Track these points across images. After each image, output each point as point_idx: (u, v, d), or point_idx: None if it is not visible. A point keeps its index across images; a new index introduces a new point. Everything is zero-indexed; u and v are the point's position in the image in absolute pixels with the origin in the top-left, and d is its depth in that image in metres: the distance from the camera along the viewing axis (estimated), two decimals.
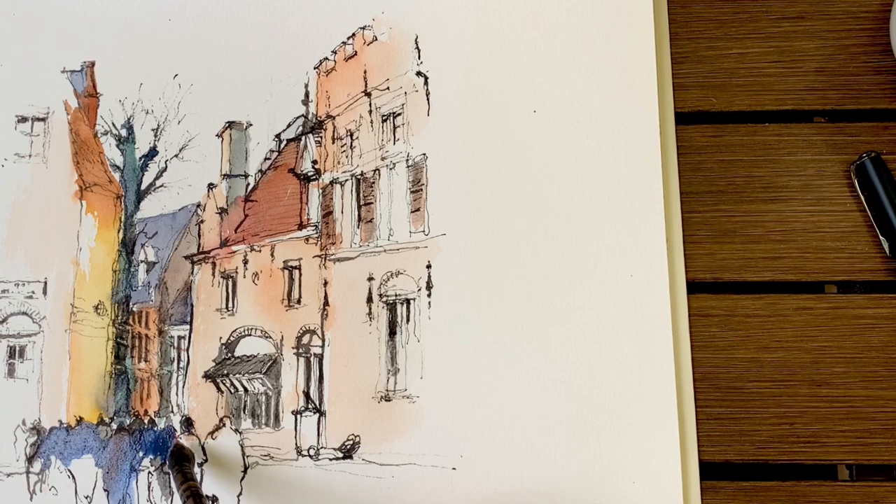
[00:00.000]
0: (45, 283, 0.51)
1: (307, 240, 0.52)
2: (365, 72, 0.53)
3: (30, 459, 0.49)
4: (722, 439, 0.47)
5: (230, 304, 0.51)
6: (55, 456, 0.49)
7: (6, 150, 0.53)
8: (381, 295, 0.50)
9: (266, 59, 0.53)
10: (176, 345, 0.51)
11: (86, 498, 0.48)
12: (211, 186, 0.52)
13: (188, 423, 0.49)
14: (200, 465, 0.49)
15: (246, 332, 0.51)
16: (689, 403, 0.47)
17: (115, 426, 0.50)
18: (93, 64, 0.54)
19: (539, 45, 0.52)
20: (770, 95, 0.51)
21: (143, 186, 0.53)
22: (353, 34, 0.53)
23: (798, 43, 0.52)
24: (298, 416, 0.49)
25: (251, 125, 0.53)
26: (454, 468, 0.47)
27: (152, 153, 0.53)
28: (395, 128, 0.52)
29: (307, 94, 0.53)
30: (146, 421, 0.50)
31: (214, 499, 0.48)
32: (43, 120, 0.54)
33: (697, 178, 0.50)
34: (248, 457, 0.49)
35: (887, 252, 0.48)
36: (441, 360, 0.48)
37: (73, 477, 0.49)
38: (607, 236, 0.49)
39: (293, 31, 0.54)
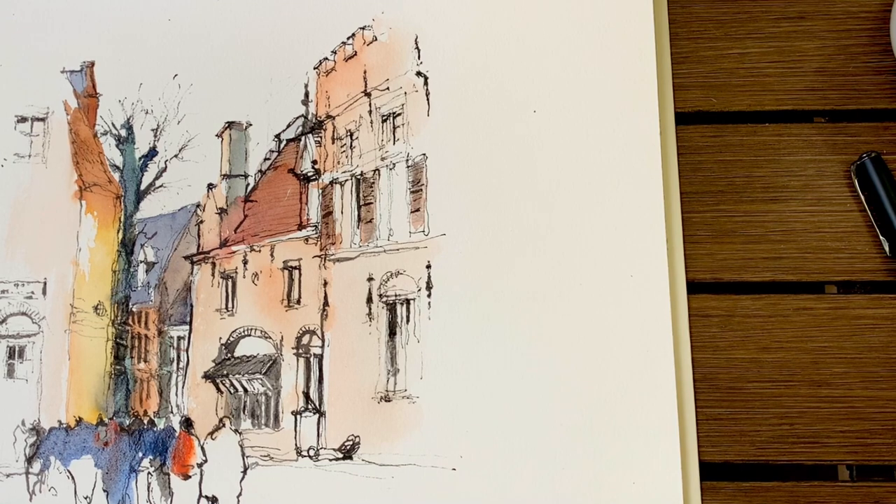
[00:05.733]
0: (45, 283, 0.51)
1: (307, 240, 0.51)
2: (365, 72, 0.53)
3: (29, 460, 0.49)
4: (722, 439, 0.47)
5: (230, 305, 0.51)
6: (55, 456, 0.49)
7: (6, 150, 0.53)
8: (380, 295, 0.50)
9: (266, 59, 0.53)
10: (175, 345, 0.50)
11: (85, 498, 0.48)
12: (211, 186, 0.52)
13: (188, 424, 0.49)
14: (200, 465, 0.49)
15: (246, 333, 0.51)
16: (689, 404, 0.47)
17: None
18: (93, 64, 0.54)
19: (539, 45, 0.52)
20: (770, 95, 0.51)
21: (143, 186, 0.53)
22: (353, 34, 0.53)
23: (798, 43, 0.52)
24: (298, 417, 0.49)
25: (251, 125, 0.53)
26: (454, 468, 0.47)
27: (152, 153, 0.53)
28: (394, 128, 0.52)
29: (307, 94, 0.53)
30: (146, 421, 0.49)
31: (214, 499, 0.48)
32: (43, 120, 0.54)
33: (697, 178, 0.50)
34: (247, 457, 0.48)
35: (887, 252, 0.48)
36: (441, 360, 0.48)
37: (73, 477, 0.49)
38: (607, 236, 0.49)
39: (293, 31, 0.54)
